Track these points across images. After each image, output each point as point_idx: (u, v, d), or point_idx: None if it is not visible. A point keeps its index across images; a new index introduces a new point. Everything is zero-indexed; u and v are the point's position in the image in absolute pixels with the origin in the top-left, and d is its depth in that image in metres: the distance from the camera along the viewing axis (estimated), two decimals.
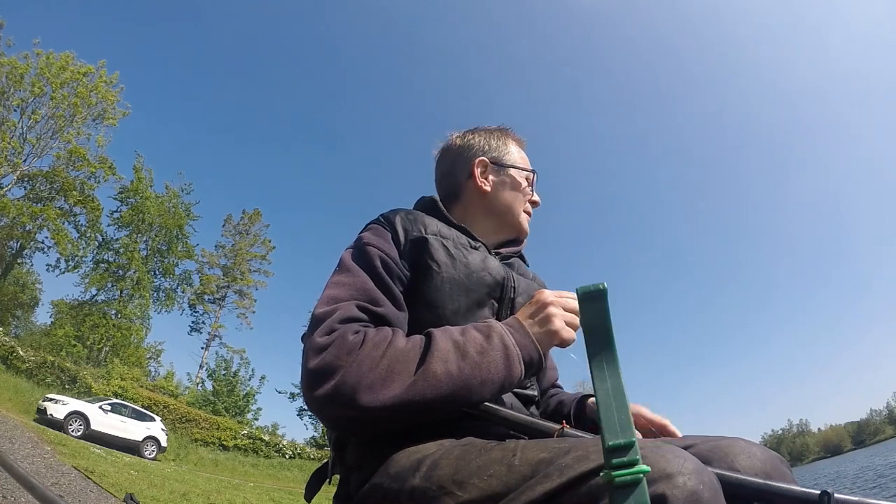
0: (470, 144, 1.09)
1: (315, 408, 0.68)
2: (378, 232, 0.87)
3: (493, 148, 1.09)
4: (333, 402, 0.66)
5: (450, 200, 1.09)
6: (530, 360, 0.73)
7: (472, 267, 0.88)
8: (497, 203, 1.05)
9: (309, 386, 0.68)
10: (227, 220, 30.88)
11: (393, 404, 0.65)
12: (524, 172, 1.08)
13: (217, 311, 28.53)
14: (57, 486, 4.79)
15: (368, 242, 0.84)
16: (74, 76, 20.50)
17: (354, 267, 0.82)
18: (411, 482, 0.61)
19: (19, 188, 20.68)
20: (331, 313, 0.73)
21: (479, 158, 1.07)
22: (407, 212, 0.93)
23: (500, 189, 1.05)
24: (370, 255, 0.82)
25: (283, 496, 10.09)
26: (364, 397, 0.64)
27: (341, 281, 0.80)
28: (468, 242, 0.94)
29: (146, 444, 12.74)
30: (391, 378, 0.66)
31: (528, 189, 1.08)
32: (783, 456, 0.67)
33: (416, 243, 0.86)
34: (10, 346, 15.32)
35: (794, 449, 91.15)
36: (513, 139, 1.13)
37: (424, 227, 0.89)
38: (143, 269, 23.30)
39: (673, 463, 0.47)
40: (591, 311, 0.45)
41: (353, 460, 0.74)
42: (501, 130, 1.13)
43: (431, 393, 0.66)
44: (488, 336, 0.72)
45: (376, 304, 0.77)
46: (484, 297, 0.87)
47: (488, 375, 0.69)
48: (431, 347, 0.70)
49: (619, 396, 0.42)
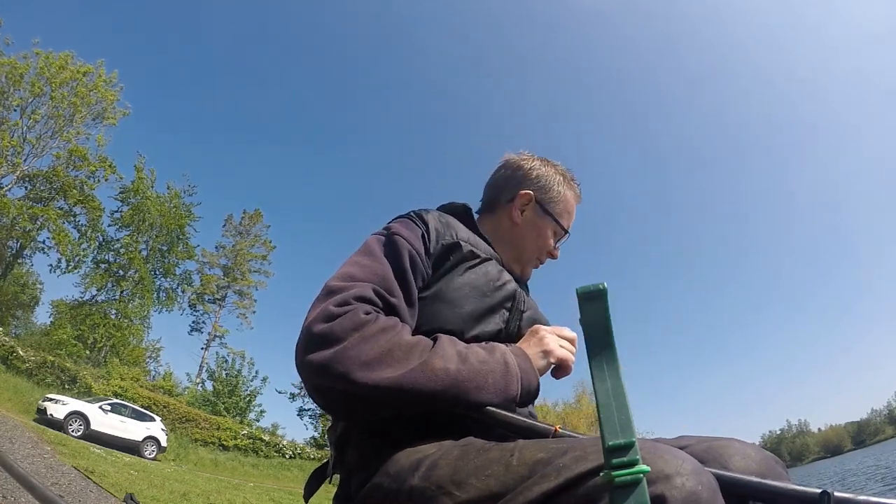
0: (530, 172, 1.08)
1: (306, 372, 0.67)
2: (409, 226, 0.89)
3: (547, 189, 1.07)
4: (326, 371, 0.65)
5: (485, 210, 1.11)
6: (528, 383, 0.74)
7: (490, 276, 0.90)
8: (518, 239, 1.06)
9: (306, 348, 0.68)
10: (228, 220, 30.89)
11: (385, 385, 0.65)
12: (558, 228, 1.07)
13: (217, 311, 28.55)
14: (57, 486, 4.79)
15: (398, 233, 0.85)
16: (74, 76, 20.45)
17: (378, 253, 0.83)
18: (410, 482, 0.61)
19: (19, 188, 20.68)
20: (347, 288, 0.74)
21: (527, 191, 1.06)
22: (440, 214, 0.95)
23: (528, 228, 1.06)
24: (398, 245, 0.83)
25: (283, 496, 10.08)
26: (358, 372, 0.65)
27: (362, 262, 0.81)
28: (490, 253, 0.96)
29: (146, 444, 12.73)
30: (389, 361, 0.66)
31: (552, 243, 1.08)
32: (783, 456, 0.68)
33: (448, 246, 0.89)
34: (10, 346, 15.28)
35: (793, 449, 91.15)
36: (571, 192, 1.10)
37: (455, 231, 0.92)
38: (144, 269, 23.26)
39: (671, 463, 0.46)
40: (591, 310, 0.45)
41: (353, 460, 0.75)
42: (568, 179, 1.11)
43: (425, 384, 0.66)
44: (491, 352, 0.74)
45: (391, 293, 0.78)
46: (498, 304, 0.89)
47: (484, 383, 0.69)
48: (435, 346, 0.71)
49: (619, 396, 0.42)
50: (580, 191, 1.13)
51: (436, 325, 0.82)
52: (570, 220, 1.11)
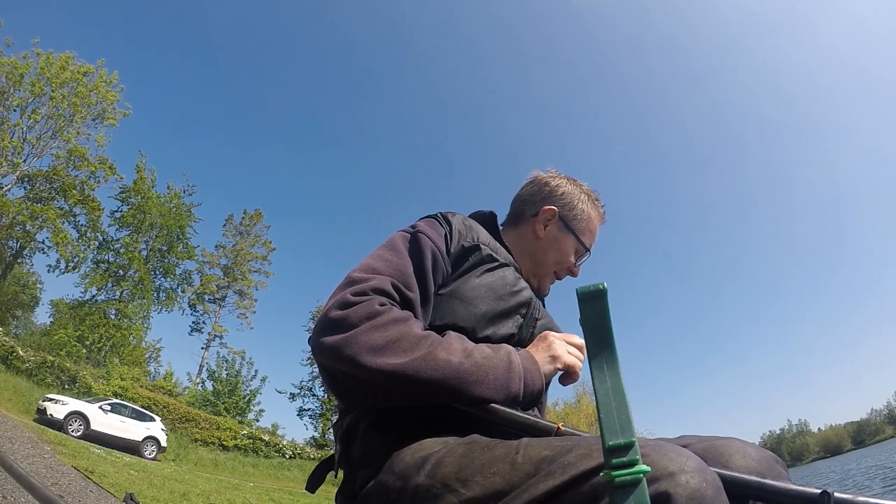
0: (556, 189, 1.12)
1: (318, 352, 0.72)
2: (434, 226, 0.93)
3: (571, 207, 1.10)
4: (336, 354, 0.69)
5: (510, 222, 1.15)
6: (532, 384, 0.75)
7: (507, 280, 0.92)
8: (539, 252, 1.08)
9: (321, 331, 0.73)
10: (228, 220, 30.84)
11: (388, 371, 0.67)
12: (579, 245, 1.10)
13: (217, 311, 28.53)
14: (57, 486, 4.78)
15: (423, 232, 0.89)
16: (74, 76, 20.44)
17: (402, 249, 0.86)
18: (415, 480, 0.62)
19: (19, 188, 20.68)
20: (367, 279, 0.78)
21: (552, 206, 1.09)
22: (464, 217, 1.00)
23: (549, 244, 1.08)
24: (422, 244, 0.87)
25: (283, 496, 10.08)
26: (364, 357, 0.68)
27: (384, 256, 0.85)
28: (510, 261, 0.98)
29: (146, 444, 12.74)
30: (396, 349, 0.69)
31: (572, 259, 1.10)
32: (783, 456, 0.68)
33: (468, 248, 0.92)
34: (10, 346, 15.28)
35: (794, 449, 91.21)
36: (595, 212, 1.13)
37: (477, 235, 0.96)
38: (143, 270, 23.25)
39: (675, 461, 0.47)
40: (590, 311, 0.45)
41: (359, 456, 0.75)
42: (593, 199, 1.14)
43: (426, 373, 0.68)
44: (497, 350, 0.76)
45: (409, 288, 0.81)
46: (512, 309, 0.90)
47: (485, 377, 0.70)
48: (443, 341, 0.73)
49: (619, 396, 0.42)
50: (604, 212, 1.16)
51: (449, 322, 0.84)
52: (592, 239, 1.13)
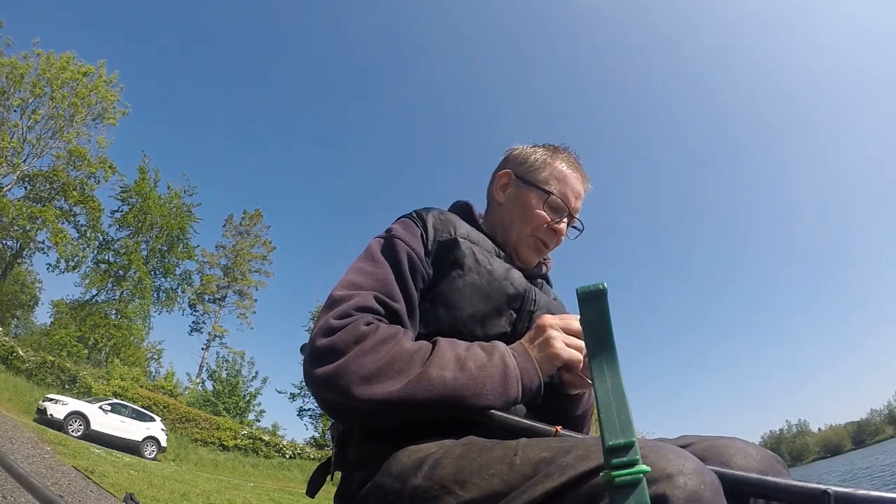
0: (513, 155, 1.06)
1: (311, 384, 0.71)
2: (408, 227, 0.88)
3: (523, 160, 1.02)
4: (328, 385, 0.68)
5: (486, 207, 1.09)
6: (530, 383, 0.73)
7: (494, 274, 0.87)
8: (506, 220, 1.01)
9: (311, 362, 0.71)
10: (228, 220, 30.85)
11: (384, 399, 0.66)
12: (544, 195, 0.97)
13: (217, 312, 28.52)
14: (57, 487, 4.78)
15: (397, 235, 0.85)
16: (74, 76, 20.44)
17: (380, 258, 0.83)
18: (413, 482, 0.62)
19: (19, 188, 20.67)
20: (349, 298, 0.75)
21: (506, 170, 1.04)
22: (440, 211, 0.94)
23: (511, 205, 1.01)
24: (397, 248, 0.83)
25: (283, 496, 10.08)
26: (358, 388, 0.66)
27: (364, 269, 0.82)
28: (494, 250, 0.94)
29: (146, 445, 12.72)
30: (388, 374, 0.67)
31: (544, 215, 0.97)
32: (783, 456, 0.68)
33: (445, 243, 0.87)
34: (10, 346, 15.26)
35: (793, 449, 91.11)
36: (562, 160, 1.01)
37: (455, 228, 0.90)
38: (143, 270, 23.24)
39: (674, 463, 0.46)
40: (590, 311, 0.45)
41: (355, 458, 0.75)
42: (553, 149, 1.04)
43: (422, 395, 0.67)
44: (490, 354, 0.73)
45: (393, 298, 0.78)
46: (503, 305, 0.86)
47: (482, 389, 0.69)
48: (434, 354, 0.71)
49: (619, 396, 0.42)
50: (580, 162, 1.04)
51: (435, 331, 0.81)
52: (565, 188, 0.99)
